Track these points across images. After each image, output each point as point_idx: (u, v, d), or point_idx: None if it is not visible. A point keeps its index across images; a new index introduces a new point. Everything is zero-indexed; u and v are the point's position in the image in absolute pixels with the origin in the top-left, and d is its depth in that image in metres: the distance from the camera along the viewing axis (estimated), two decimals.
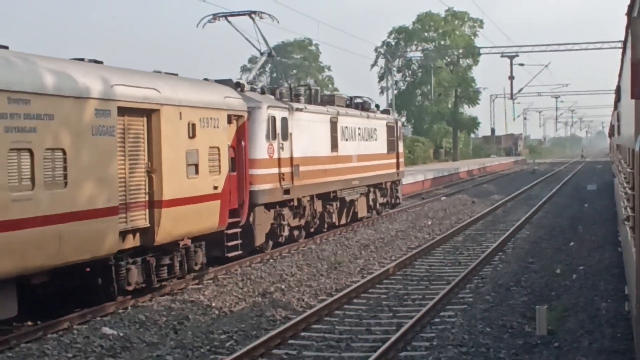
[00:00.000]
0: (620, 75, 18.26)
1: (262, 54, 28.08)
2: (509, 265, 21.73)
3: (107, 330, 14.35)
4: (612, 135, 41.31)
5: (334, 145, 28.11)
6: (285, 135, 24.07)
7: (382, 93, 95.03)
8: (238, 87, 22.83)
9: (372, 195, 32.76)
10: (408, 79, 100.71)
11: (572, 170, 79.92)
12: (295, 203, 25.09)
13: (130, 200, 16.26)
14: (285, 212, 24.39)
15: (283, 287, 19.04)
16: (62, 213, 13.89)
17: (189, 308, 16.60)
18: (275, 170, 23.42)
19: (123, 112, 15.86)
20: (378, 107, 35.88)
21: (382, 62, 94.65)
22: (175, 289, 18.41)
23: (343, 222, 29.75)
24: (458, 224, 31.81)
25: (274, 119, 23.38)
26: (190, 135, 18.07)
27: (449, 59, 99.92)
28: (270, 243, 23.91)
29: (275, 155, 23.44)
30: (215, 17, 25.58)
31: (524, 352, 13.24)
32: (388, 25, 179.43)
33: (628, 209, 11.06)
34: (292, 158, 24.39)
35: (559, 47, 79.49)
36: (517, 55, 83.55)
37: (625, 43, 13.65)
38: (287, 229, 24.53)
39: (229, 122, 20.25)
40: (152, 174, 16.87)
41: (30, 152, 13.26)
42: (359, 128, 30.87)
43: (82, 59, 16.42)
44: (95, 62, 16.64)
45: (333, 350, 13.60)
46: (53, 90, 13.84)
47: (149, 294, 17.47)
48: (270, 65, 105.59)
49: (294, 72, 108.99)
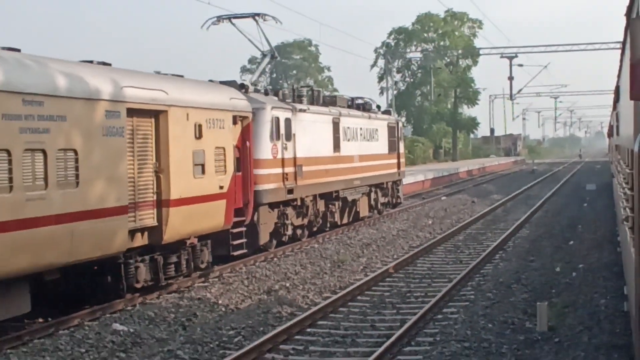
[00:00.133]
0: (619, 76, 18.28)
1: (264, 56, 28.42)
2: (510, 264, 22.03)
3: (117, 327, 14.67)
4: (611, 136, 41.56)
5: (336, 146, 28.43)
6: (289, 136, 24.39)
7: (381, 93, 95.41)
8: (242, 88, 23.13)
9: (373, 195, 33.08)
10: (407, 80, 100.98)
11: (571, 171, 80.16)
12: (299, 203, 25.41)
13: (139, 200, 16.59)
14: (289, 211, 24.71)
15: (288, 285, 19.35)
16: (74, 212, 14.22)
17: (197, 305, 16.92)
18: (279, 170, 23.74)
19: (132, 113, 16.19)
20: (379, 107, 36.20)
21: (381, 62, 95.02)
22: (182, 287, 18.73)
23: (345, 221, 30.08)
24: (459, 223, 32.09)
25: (278, 120, 23.70)
26: (197, 136, 18.40)
27: (449, 60, 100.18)
28: (274, 242, 24.23)
29: (279, 156, 23.76)
30: (220, 19, 25.87)
31: (525, 347, 13.54)
32: (387, 26, 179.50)
33: (627, 210, 11.08)
34: (295, 158, 24.71)
35: (558, 47, 79.85)
36: (516, 56, 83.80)
37: (624, 44, 13.69)
38: (290, 228, 24.86)
39: (234, 122, 20.58)
40: (159, 174, 17.20)
41: (44, 152, 13.58)
42: (361, 128, 31.19)
43: (90, 61, 16.72)
44: (104, 64, 16.97)
45: (339, 346, 13.92)
46: (65, 92, 14.16)
47: (157, 292, 17.80)
48: (270, 66, 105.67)
49: (294, 72, 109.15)
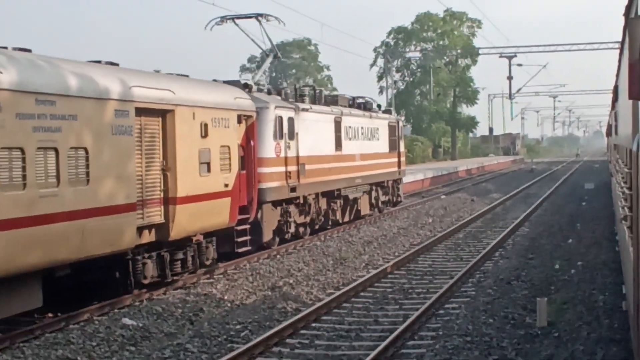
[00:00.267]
0: (618, 76, 18.38)
1: (267, 56, 28.78)
2: (510, 261, 22.35)
3: (127, 321, 15.00)
4: (609, 135, 41.74)
5: (338, 145, 28.76)
6: (292, 135, 24.71)
7: (381, 93, 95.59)
8: (246, 87, 23.45)
9: (374, 194, 33.40)
10: (407, 79, 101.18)
11: (569, 170, 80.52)
12: (301, 201, 25.74)
13: (147, 197, 16.91)
14: (292, 209, 25.04)
15: (291, 281, 19.67)
16: (84, 209, 14.54)
17: (203, 301, 17.24)
18: (282, 169, 24.07)
19: (140, 112, 16.50)
20: (380, 107, 36.54)
21: (381, 62, 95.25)
22: (188, 283, 19.05)
23: (346, 219, 30.40)
24: (458, 222, 32.43)
25: (281, 119, 24.03)
26: (203, 135, 18.72)
27: (448, 59, 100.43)
28: (277, 239, 24.55)
29: (282, 154, 24.08)
30: (223, 19, 26.20)
31: (525, 341, 13.86)
32: (388, 26, 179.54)
33: (626, 209, 11.11)
34: (298, 157, 25.03)
35: (557, 47, 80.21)
36: (515, 56, 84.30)
37: (623, 43, 13.69)
38: (293, 226, 25.19)
39: (239, 122, 20.90)
40: (166, 172, 17.52)
41: (56, 150, 13.90)
42: (362, 127, 31.52)
43: (99, 61, 17.04)
44: (112, 64, 17.29)
45: (343, 340, 14.25)
46: (76, 92, 14.48)
47: (163, 288, 18.12)
48: (270, 65, 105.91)
49: (293, 71, 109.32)
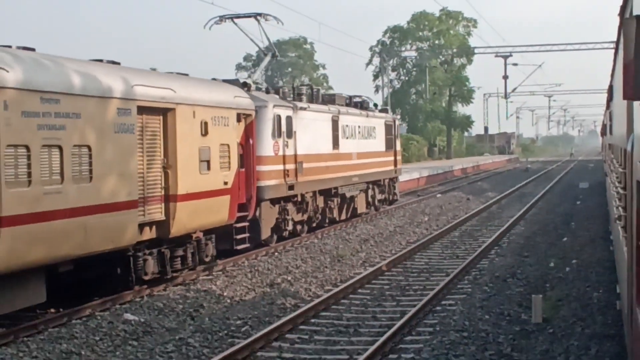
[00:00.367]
0: (613, 75, 18.50)
1: (265, 55, 29.01)
2: (505, 259, 22.61)
3: (128, 316, 15.23)
4: (604, 134, 41.96)
5: (335, 143, 29.00)
6: (290, 133, 24.95)
7: (376, 91, 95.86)
8: (245, 86, 23.69)
9: (370, 192, 33.65)
10: (402, 78, 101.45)
11: (564, 169, 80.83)
12: (299, 199, 25.98)
13: (148, 195, 17.14)
14: (290, 207, 25.28)
15: (290, 278, 19.90)
16: (87, 206, 14.78)
17: (203, 297, 17.47)
18: (281, 167, 24.31)
19: (142, 111, 16.74)
20: (376, 106, 36.79)
21: (377, 60, 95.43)
22: (188, 279, 19.27)
23: (343, 217, 30.64)
24: (454, 220, 32.67)
25: (280, 118, 24.27)
26: (203, 133, 18.95)
27: (443, 58, 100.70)
28: (275, 237, 24.79)
29: (281, 153, 24.32)
30: (222, 19, 26.41)
31: (521, 337, 14.11)
32: (385, 25, 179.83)
33: (620, 209, 11.14)
34: (296, 155, 25.27)
35: (553, 47, 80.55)
36: (511, 55, 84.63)
37: (618, 43, 13.79)
38: (291, 224, 25.42)
39: (238, 120, 21.14)
40: (167, 170, 17.76)
41: (60, 148, 14.13)
42: (359, 126, 31.76)
43: (101, 60, 17.27)
44: (113, 62, 17.51)
45: (342, 335, 14.50)
46: (80, 91, 14.71)
47: (163, 284, 18.34)
48: (267, 64, 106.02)
49: (289, 70, 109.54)
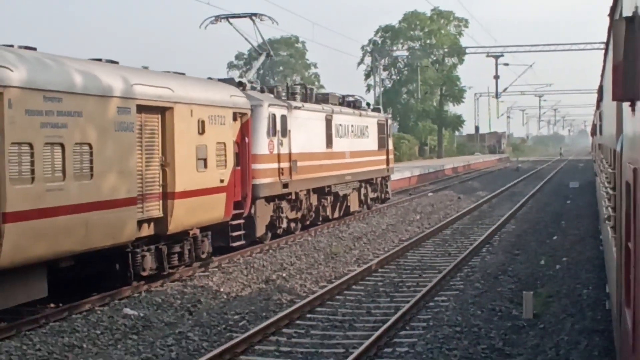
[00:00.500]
0: (603, 76, 18.71)
1: (260, 54, 29.33)
2: (496, 257, 22.96)
3: (128, 311, 15.52)
4: (594, 134, 42.33)
5: (329, 142, 29.31)
6: (284, 132, 25.26)
7: (368, 91, 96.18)
8: (240, 85, 23.98)
9: (363, 190, 33.96)
10: (394, 77, 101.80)
11: (554, 168, 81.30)
12: (293, 197, 26.29)
13: (146, 192, 17.43)
14: (284, 205, 25.59)
15: (284, 274, 20.21)
16: (88, 202, 15.06)
17: (200, 292, 17.77)
18: (275, 165, 24.62)
19: (141, 109, 17.02)
20: (369, 105, 37.11)
21: (368, 60, 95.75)
22: (184, 276, 19.56)
23: (336, 215, 30.96)
24: (446, 219, 33.01)
25: (274, 117, 24.57)
26: (200, 132, 19.24)
27: (435, 58, 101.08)
28: (269, 234, 25.10)
29: (275, 151, 24.63)
30: (218, 18, 26.70)
31: (512, 332, 14.47)
32: (375, 24, 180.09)
33: (609, 209, 11.23)
34: (290, 154, 25.58)
35: (544, 47, 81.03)
36: (502, 55, 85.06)
37: (608, 44, 13.96)
38: (285, 221, 25.74)
39: (234, 119, 21.45)
40: (165, 168, 18.05)
41: (62, 146, 14.40)
42: (352, 125, 32.08)
43: (99, 59, 17.54)
44: (112, 62, 17.78)
45: (338, 330, 14.83)
46: (81, 90, 14.99)
47: (161, 280, 18.63)
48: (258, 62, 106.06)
49: (281, 69, 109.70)
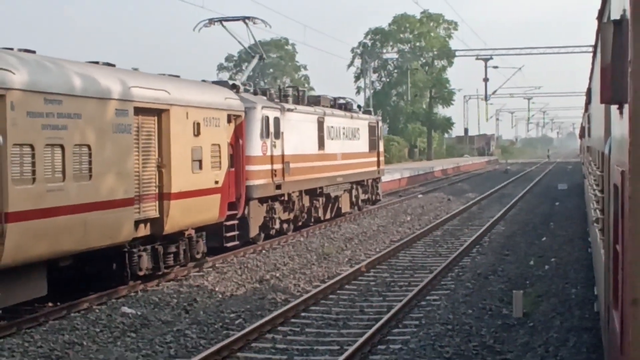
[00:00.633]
0: (591, 79, 18.97)
1: (253, 57, 29.65)
2: (486, 257, 23.31)
3: (126, 310, 15.80)
4: (582, 137, 42.64)
5: (321, 144, 29.64)
6: (278, 134, 25.57)
7: (358, 93, 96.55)
8: (234, 88, 24.27)
9: (354, 192, 34.30)
10: (384, 80, 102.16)
11: (543, 170, 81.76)
12: (286, 198, 26.61)
13: (143, 193, 17.72)
14: (277, 206, 25.90)
15: (278, 274, 20.51)
16: (87, 203, 15.34)
17: (195, 292, 18.06)
18: (268, 167, 24.93)
19: (138, 111, 17.31)
20: (360, 107, 37.46)
21: (358, 62, 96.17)
22: (179, 275, 19.85)
23: (328, 216, 31.28)
24: (436, 220, 33.35)
25: (268, 119, 24.89)
26: (195, 134, 19.54)
27: (424, 60, 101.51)
28: (262, 235, 25.39)
29: (269, 153, 24.94)
30: (211, 21, 26.99)
31: (503, 330, 14.79)
32: (365, 26, 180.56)
33: (597, 212, 11.27)
34: (283, 155, 25.90)
35: (533, 50, 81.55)
36: (491, 58, 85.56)
37: (596, 47, 14.22)
38: (278, 222, 26.05)
39: (229, 121, 21.74)
40: (161, 169, 18.35)
41: (62, 147, 14.69)
42: (344, 128, 32.41)
43: (97, 62, 17.81)
44: (109, 64, 18.06)
45: (332, 328, 15.14)
46: (81, 92, 15.28)
47: (156, 280, 18.91)
48: (247, 64, 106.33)
49: (271, 71, 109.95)
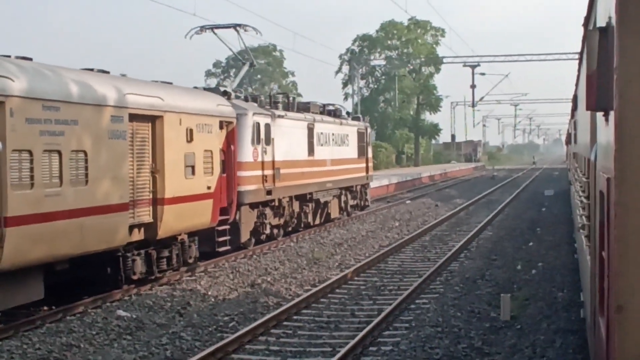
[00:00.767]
0: (577, 86, 19.25)
1: (243, 64, 29.99)
2: (474, 262, 23.66)
3: (121, 313, 16.07)
4: (569, 143, 43.09)
5: (311, 150, 29.97)
6: (268, 140, 25.89)
7: (346, 99, 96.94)
8: (225, 95, 24.56)
9: (343, 197, 34.63)
10: (371, 86, 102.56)
11: (530, 177, 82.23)
12: (276, 203, 26.91)
13: (137, 198, 18.01)
14: (267, 211, 26.21)
15: (269, 279, 20.79)
16: (84, 207, 15.63)
17: (189, 295, 18.33)
18: (259, 173, 25.24)
19: (132, 118, 17.60)
20: (349, 114, 37.81)
21: (346, 69, 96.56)
22: (172, 280, 20.11)
23: (317, 222, 31.60)
24: (424, 225, 33.70)
25: (259, 125, 25.20)
26: (188, 140, 19.84)
27: (412, 67, 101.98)
28: (253, 240, 25.69)
29: (260, 159, 25.25)
30: (203, 29, 27.30)
31: (491, 333, 15.13)
32: (353, 33, 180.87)
33: (584, 218, 11.36)
34: (274, 161, 26.21)
35: (519, 57, 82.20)
36: (478, 65, 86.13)
37: (582, 54, 14.38)
38: (268, 227, 26.35)
39: (221, 127, 22.05)
40: (155, 174, 18.65)
41: (59, 153, 14.97)
42: (333, 134, 32.74)
43: (91, 69, 18.11)
44: (103, 71, 18.35)
45: (324, 330, 15.45)
46: (78, 99, 15.57)
47: (149, 284, 19.18)
48: (235, 70, 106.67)
49: (258, 77, 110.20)
